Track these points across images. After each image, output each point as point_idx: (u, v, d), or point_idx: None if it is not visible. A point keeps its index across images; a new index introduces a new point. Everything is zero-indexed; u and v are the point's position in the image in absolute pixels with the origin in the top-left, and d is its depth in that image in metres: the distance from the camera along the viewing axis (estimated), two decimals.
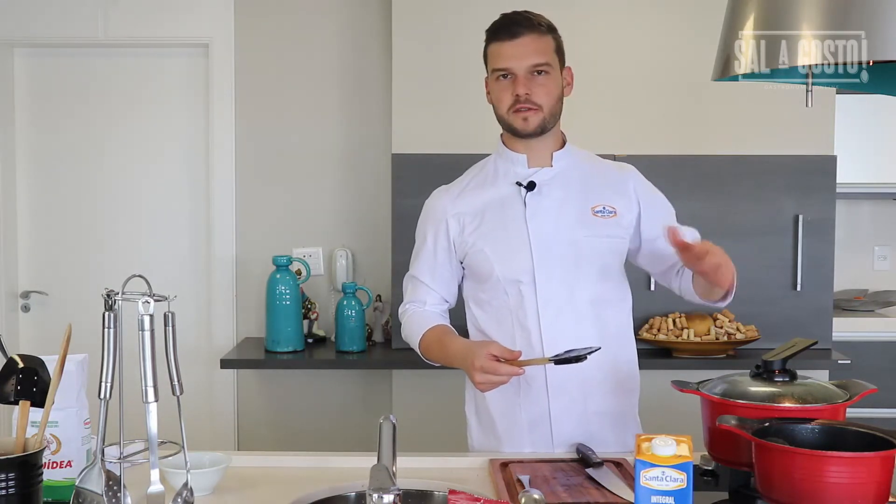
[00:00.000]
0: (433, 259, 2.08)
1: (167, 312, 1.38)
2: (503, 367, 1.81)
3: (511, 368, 1.81)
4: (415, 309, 2.10)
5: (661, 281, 2.12)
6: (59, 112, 3.82)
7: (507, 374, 1.82)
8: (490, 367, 1.81)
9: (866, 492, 1.36)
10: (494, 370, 1.81)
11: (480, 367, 1.82)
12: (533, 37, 1.96)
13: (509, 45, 1.96)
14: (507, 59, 1.96)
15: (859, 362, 3.30)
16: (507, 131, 2.04)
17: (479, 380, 1.83)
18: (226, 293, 3.75)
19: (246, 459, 1.84)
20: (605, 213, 2.00)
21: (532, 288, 1.97)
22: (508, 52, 1.96)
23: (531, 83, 1.96)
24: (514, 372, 1.82)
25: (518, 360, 1.84)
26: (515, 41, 1.96)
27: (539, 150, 2.03)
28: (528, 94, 1.96)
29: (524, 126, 1.98)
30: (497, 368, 1.81)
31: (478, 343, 1.93)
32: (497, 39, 1.98)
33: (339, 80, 3.73)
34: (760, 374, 1.65)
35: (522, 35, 1.96)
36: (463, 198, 2.07)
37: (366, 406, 3.67)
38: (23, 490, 1.39)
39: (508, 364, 1.82)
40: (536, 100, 1.96)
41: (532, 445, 1.99)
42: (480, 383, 1.84)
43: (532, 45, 1.96)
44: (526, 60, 1.95)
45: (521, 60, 1.95)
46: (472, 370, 1.84)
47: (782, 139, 3.30)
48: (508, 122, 2.00)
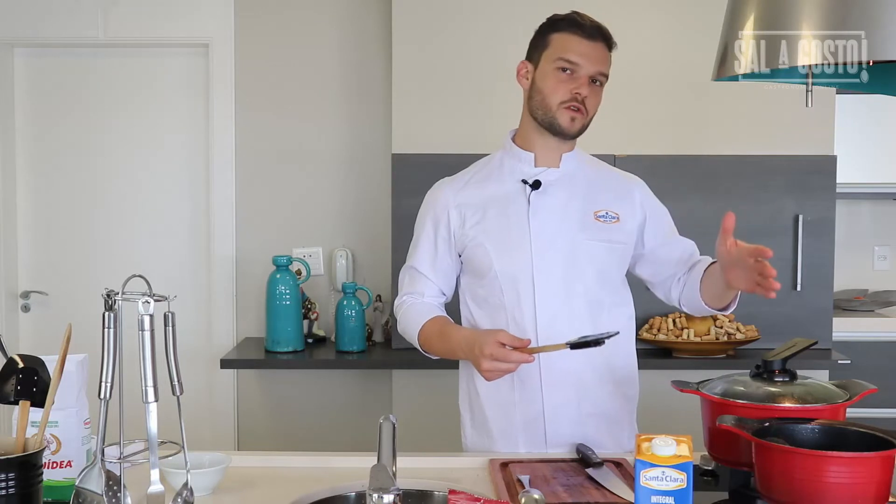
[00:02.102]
0: (433, 250, 2.07)
1: (167, 312, 1.38)
2: (513, 355, 1.80)
3: (521, 356, 1.80)
4: (412, 301, 2.08)
5: (659, 290, 2.11)
6: (59, 112, 3.82)
7: (516, 361, 1.80)
8: (500, 354, 1.80)
9: (866, 492, 1.36)
10: (504, 357, 1.80)
11: (490, 355, 1.80)
12: (605, 47, 1.98)
13: (586, 45, 1.95)
14: (580, 55, 1.95)
15: (859, 362, 3.30)
16: (542, 124, 1.99)
17: (487, 367, 1.81)
18: (226, 293, 3.75)
19: (246, 459, 1.84)
20: (607, 219, 2.00)
21: (530, 286, 1.97)
22: (583, 50, 1.95)
23: (589, 89, 1.96)
24: (525, 359, 1.80)
25: (530, 348, 1.82)
26: (593, 43, 1.96)
27: (551, 150, 2.02)
28: (586, 97, 1.96)
29: (570, 126, 1.97)
30: (507, 356, 1.80)
31: (485, 331, 1.91)
32: (572, 33, 1.96)
33: (340, 80, 3.73)
34: (760, 374, 1.66)
35: (599, 40, 1.97)
36: (466, 191, 2.06)
37: (366, 406, 3.67)
38: (23, 490, 1.39)
39: (517, 351, 1.81)
40: (588, 105, 1.97)
41: (526, 445, 1.99)
42: (488, 370, 1.82)
43: (604, 55, 1.98)
44: (596, 65, 1.96)
45: (592, 63, 1.95)
46: (479, 358, 1.82)
47: (782, 139, 3.30)
48: (553, 116, 1.97)
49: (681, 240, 2.09)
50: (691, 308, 2.03)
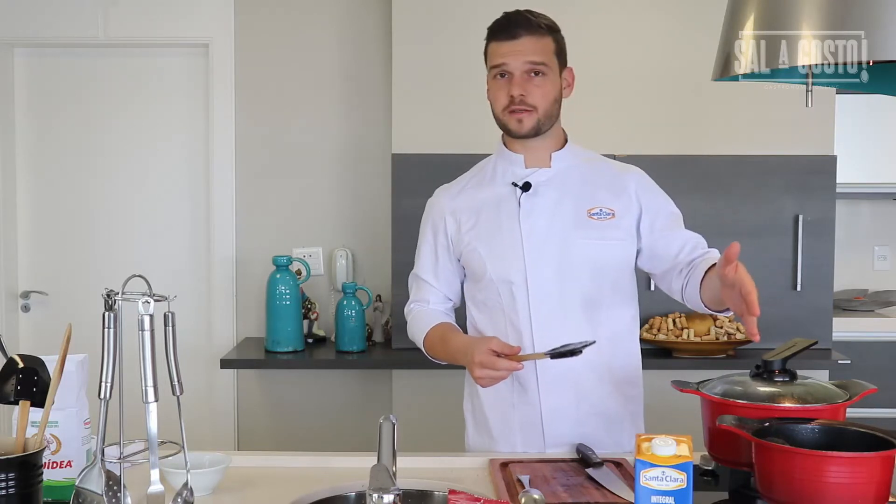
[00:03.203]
0: (434, 257, 2.09)
1: (167, 312, 1.38)
2: (501, 362, 1.82)
3: (509, 363, 1.82)
4: (419, 308, 2.11)
5: (661, 283, 2.07)
6: (59, 112, 3.82)
7: (505, 368, 1.82)
8: (489, 362, 1.82)
9: (866, 492, 1.36)
10: (493, 365, 1.82)
11: (479, 362, 1.82)
12: (532, 38, 1.95)
13: (507, 45, 1.95)
14: (503, 56, 1.96)
15: (859, 362, 3.30)
16: (502, 131, 2.04)
17: (479, 374, 1.84)
18: (226, 293, 3.75)
19: (246, 459, 1.84)
20: (601, 216, 1.99)
21: (524, 288, 1.97)
22: (505, 50, 1.95)
23: (527, 84, 1.95)
24: (513, 367, 1.83)
25: (517, 356, 1.85)
26: (513, 41, 1.95)
27: (537, 150, 2.02)
28: (522, 94, 1.95)
29: (518, 127, 1.98)
30: (495, 363, 1.82)
31: (478, 339, 1.94)
32: (496, 39, 1.98)
33: (339, 80, 3.73)
34: (760, 374, 1.65)
35: (521, 36, 1.95)
36: (461, 196, 2.08)
37: (366, 406, 3.67)
38: (23, 490, 1.39)
39: (507, 359, 1.82)
40: (531, 101, 1.95)
41: (524, 445, 1.99)
42: (480, 378, 1.85)
43: (530, 46, 1.95)
44: (522, 58, 1.94)
45: (517, 60, 1.95)
46: (471, 365, 1.85)
47: (782, 139, 3.30)
48: (503, 122, 2.00)
49: (681, 232, 2.02)
50: (692, 304, 1.99)
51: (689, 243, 2.00)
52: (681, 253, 1.99)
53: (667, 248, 2.01)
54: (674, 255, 2.00)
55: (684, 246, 1.99)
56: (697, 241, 2.01)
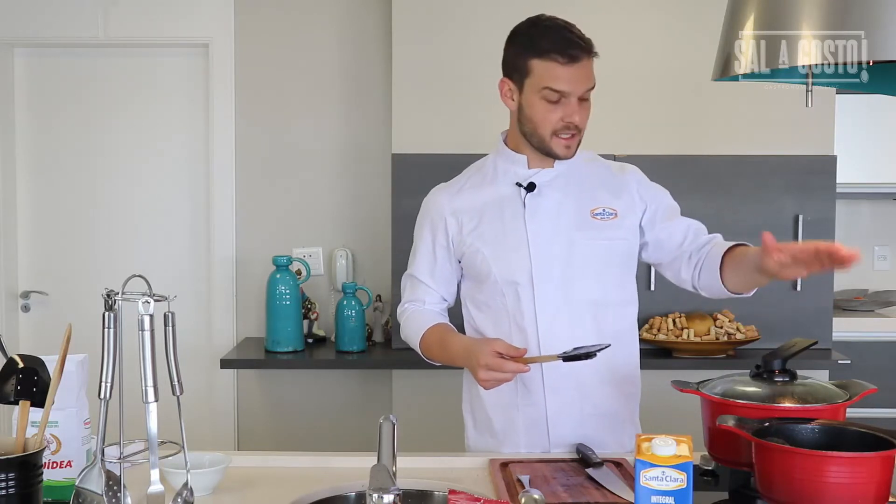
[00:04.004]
0: (432, 257, 2.07)
1: (167, 312, 1.38)
2: (509, 365, 1.80)
3: (516, 366, 1.80)
4: (414, 308, 2.09)
5: (667, 271, 2.05)
6: (59, 112, 3.82)
7: (512, 371, 1.80)
8: (495, 365, 1.80)
9: (866, 492, 1.36)
10: (500, 367, 1.80)
11: (486, 365, 1.80)
12: (588, 61, 1.89)
13: (569, 70, 1.86)
14: (565, 82, 1.87)
15: (859, 362, 3.30)
16: (538, 148, 1.96)
17: (484, 377, 1.82)
18: (226, 293, 3.75)
19: (246, 459, 1.84)
20: (604, 216, 1.98)
21: (529, 289, 1.96)
22: (567, 76, 1.86)
23: (579, 108, 1.91)
24: (520, 369, 1.81)
25: (524, 358, 1.83)
26: (575, 66, 1.86)
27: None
28: (579, 121, 1.91)
29: (566, 153, 1.94)
30: (502, 366, 1.80)
31: (482, 340, 1.91)
32: (552, 59, 1.87)
33: (339, 80, 3.73)
34: (760, 374, 1.65)
35: (581, 59, 1.87)
36: (461, 196, 2.05)
37: (366, 406, 3.67)
38: (23, 490, 1.39)
39: (514, 361, 1.81)
40: (580, 125, 1.92)
41: (528, 446, 1.98)
42: (485, 381, 1.83)
43: (588, 72, 1.89)
44: (582, 87, 1.89)
45: (578, 87, 1.88)
46: (476, 368, 1.83)
47: (782, 139, 3.30)
48: (548, 146, 1.93)
49: (682, 220, 2.03)
50: (710, 292, 1.96)
51: (692, 230, 2.02)
52: (685, 241, 2.00)
53: (671, 238, 2.01)
54: (678, 244, 2.00)
55: (687, 233, 2.01)
56: (699, 228, 2.02)
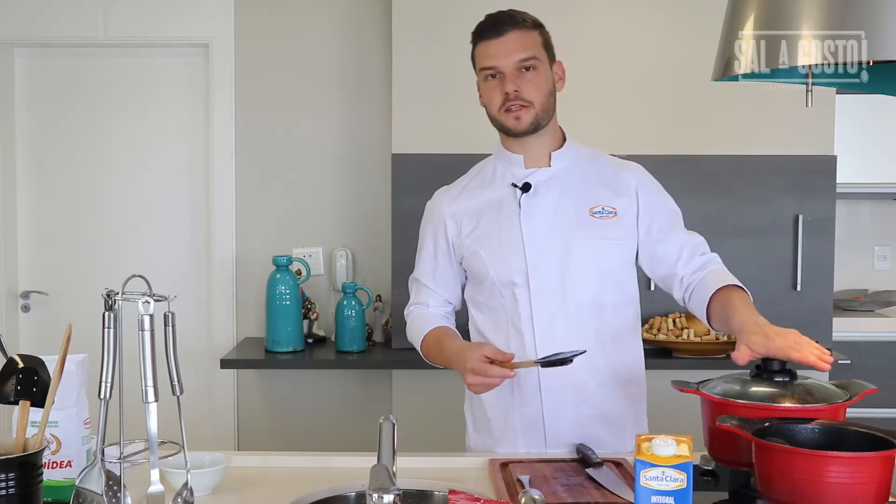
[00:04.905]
0: (434, 261, 2.08)
1: (167, 312, 1.38)
2: (493, 370, 1.79)
3: (502, 371, 1.80)
4: (418, 311, 2.10)
5: (662, 285, 2.05)
6: (59, 112, 3.82)
7: (497, 376, 1.80)
8: (481, 369, 1.80)
9: (866, 492, 1.36)
10: (485, 372, 1.80)
11: (471, 369, 1.81)
12: (518, 33, 1.94)
13: (495, 44, 1.93)
14: (493, 57, 1.94)
15: (859, 362, 3.30)
16: (500, 132, 2.02)
17: (471, 381, 1.83)
18: (226, 293, 3.75)
19: (246, 459, 1.84)
20: (604, 214, 1.97)
21: (526, 290, 1.95)
22: (494, 51, 1.93)
23: (520, 80, 1.93)
24: (505, 374, 1.80)
25: (510, 363, 1.83)
26: (501, 39, 1.93)
27: (536, 149, 2.00)
28: (517, 91, 1.93)
29: (517, 125, 1.95)
30: (487, 370, 1.80)
31: (471, 345, 1.93)
32: (483, 39, 1.95)
33: (339, 80, 3.73)
34: (760, 374, 1.65)
35: (507, 32, 1.93)
36: (461, 199, 2.06)
37: (366, 406, 3.67)
38: (23, 490, 1.39)
39: (499, 366, 1.80)
40: (527, 96, 1.93)
41: (525, 446, 1.98)
42: (472, 385, 1.84)
43: (518, 42, 1.93)
44: (513, 56, 1.93)
45: (507, 57, 1.93)
46: (464, 372, 1.84)
47: (782, 139, 3.30)
48: (501, 122, 1.98)
49: (679, 235, 2.00)
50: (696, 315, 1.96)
51: (688, 248, 1.98)
52: (679, 260, 1.97)
53: (665, 253, 1.99)
54: (673, 262, 1.98)
55: (682, 252, 1.97)
56: (694, 246, 1.98)
